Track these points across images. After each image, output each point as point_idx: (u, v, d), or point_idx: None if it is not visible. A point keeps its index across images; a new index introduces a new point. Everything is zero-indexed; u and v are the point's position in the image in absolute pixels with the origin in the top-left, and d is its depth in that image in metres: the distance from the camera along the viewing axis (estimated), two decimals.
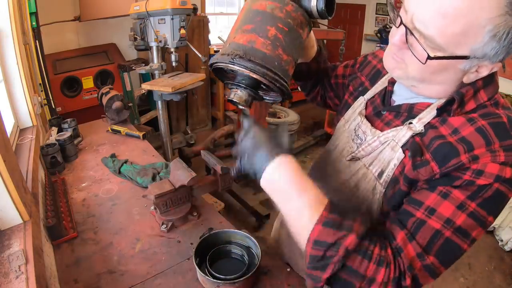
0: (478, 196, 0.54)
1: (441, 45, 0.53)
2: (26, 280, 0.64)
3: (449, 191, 0.56)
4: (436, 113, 0.62)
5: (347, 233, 0.55)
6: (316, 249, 0.55)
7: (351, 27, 5.66)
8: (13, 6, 1.41)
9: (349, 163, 0.76)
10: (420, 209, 0.58)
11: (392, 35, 0.60)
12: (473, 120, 0.58)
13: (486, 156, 0.54)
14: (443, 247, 0.56)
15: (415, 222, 0.57)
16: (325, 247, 0.54)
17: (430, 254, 0.56)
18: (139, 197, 1.25)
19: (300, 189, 0.59)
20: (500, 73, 0.69)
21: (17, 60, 1.42)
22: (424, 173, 0.60)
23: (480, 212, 0.55)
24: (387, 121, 0.72)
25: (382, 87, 0.79)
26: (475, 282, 2.22)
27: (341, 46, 3.02)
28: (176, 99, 2.01)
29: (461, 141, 0.57)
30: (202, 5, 4.39)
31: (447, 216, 0.55)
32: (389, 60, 0.64)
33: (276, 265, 0.96)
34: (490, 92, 0.61)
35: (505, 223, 2.56)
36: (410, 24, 0.55)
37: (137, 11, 2.04)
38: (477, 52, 0.53)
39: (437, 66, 0.56)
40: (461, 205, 0.55)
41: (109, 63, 3.20)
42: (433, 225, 0.56)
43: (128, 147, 1.69)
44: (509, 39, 0.50)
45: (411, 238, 0.57)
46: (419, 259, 0.56)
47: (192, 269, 0.92)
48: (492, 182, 0.54)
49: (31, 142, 1.31)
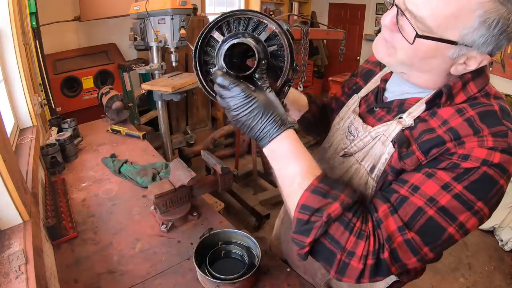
0: (464, 178, 0.54)
1: (431, 27, 0.53)
2: (26, 280, 0.64)
3: (434, 172, 0.56)
4: (425, 107, 0.63)
5: (332, 201, 0.56)
6: (302, 213, 0.57)
7: (351, 27, 5.66)
8: (13, 6, 1.41)
9: (342, 159, 0.77)
10: (404, 186, 0.58)
11: (384, 18, 0.61)
12: (462, 110, 0.58)
13: (472, 141, 0.54)
14: (425, 225, 0.55)
15: (398, 198, 0.58)
16: (310, 211, 0.56)
17: (411, 230, 0.55)
18: (139, 197, 1.25)
19: (298, 157, 0.61)
20: (500, 73, 0.69)
21: (17, 60, 1.42)
22: (410, 163, 0.60)
23: (467, 195, 0.54)
24: (379, 117, 0.73)
25: (375, 85, 0.80)
26: (475, 282, 2.22)
27: (341, 46, 3.01)
28: (176, 99, 2.01)
29: (448, 131, 0.57)
30: (202, 5, 4.40)
31: (430, 194, 0.55)
32: (378, 48, 0.65)
33: (276, 265, 0.96)
34: (479, 83, 0.61)
35: (505, 223, 2.56)
36: (402, 5, 0.56)
37: (137, 11, 2.04)
38: (466, 38, 0.53)
39: (426, 50, 0.57)
40: (445, 186, 0.55)
41: (109, 63, 3.20)
42: (415, 201, 0.56)
43: (128, 147, 1.69)
44: (498, 28, 0.51)
45: (393, 212, 0.57)
46: (399, 233, 0.55)
47: (192, 269, 0.92)
48: (479, 166, 0.53)
49: (31, 142, 1.31)
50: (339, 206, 0.56)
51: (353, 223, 0.56)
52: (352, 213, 0.57)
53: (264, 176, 3.24)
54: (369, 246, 0.55)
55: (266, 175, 3.26)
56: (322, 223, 0.55)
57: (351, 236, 0.55)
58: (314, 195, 0.57)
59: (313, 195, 0.57)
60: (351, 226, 0.56)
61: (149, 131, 2.90)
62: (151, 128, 3.09)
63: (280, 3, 5.44)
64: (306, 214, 0.57)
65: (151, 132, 3.00)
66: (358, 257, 0.55)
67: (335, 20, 5.88)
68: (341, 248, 0.56)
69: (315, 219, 0.56)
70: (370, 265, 0.55)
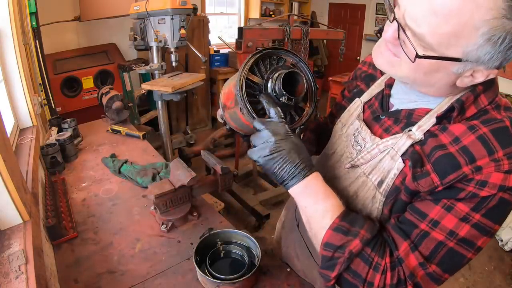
0: (482, 207, 0.54)
1: (432, 44, 0.51)
2: (26, 280, 0.64)
3: (453, 204, 0.56)
4: (436, 121, 0.61)
5: (352, 238, 0.59)
6: (326, 251, 0.60)
7: (351, 27, 5.66)
8: (13, 6, 1.41)
9: (348, 169, 0.75)
10: (424, 221, 0.58)
11: (386, 30, 0.58)
12: (474, 127, 0.56)
13: (489, 166, 0.53)
14: (446, 257, 0.56)
15: (419, 234, 0.58)
16: (333, 249, 0.60)
17: (433, 263, 0.57)
18: (139, 197, 1.25)
19: (322, 198, 0.63)
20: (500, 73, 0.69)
21: (17, 60, 1.42)
22: (424, 184, 0.58)
23: (484, 222, 0.54)
24: (386, 127, 0.70)
25: (378, 90, 0.77)
26: (475, 282, 2.22)
27: (341, 46, 3.01)
28: (176, 99, 2.01)
29: (462, 152, 0.55)
30: (202, 5, 4.40)
31: (450, 228, 0.55)
32: (378, 56, 0.63)
33: (276, 265, 0.96)
34: (490, 96, 0.59)
35: (505, 223, 2.56)
36: (402, 21, 0.53)
37: (137, 11, 2.04)
38: (470, 55, 0.50)
39: (428, 66, 0.55)
40: (464, 218, 0.55)
41: (109, 63, 3.20)
42: (436, 236, 0.56)
43: (128, 147, 1.69)
44: (505, 45, 0.48)
45: (414, 249, 0.58)
46: (421, 268, 0.57)
47: (192, 269, 0.92)
48: (496, 193, 0.53)
49: (31, 142, 1.31)
50: (359, 242, 0.59)
51: (372, 258, 0.59)
52: (371, 248, 0.59)
53: (264, 176, 3.24)
54: (385, 279, 0.58)
55: (266, 175, 3.25)
56: (345, 259, 0.59)
57: (370, 270, 0.59)
58: (336, 233, 0.60)
59: (335, 233, 0.60)
60: (370, 260, 0.59)
61: (149, 131, 2.90)
62: (151, 128, 3.09)
63: (280, 3, 5.44)
64: (330, 251, 0.60)
65: (151, 132, 3.00)
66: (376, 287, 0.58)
67: (335, 20, 5.88)
68: (362, 280, 0.59)
69: (338, 255, 0.59)
70: None
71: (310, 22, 4.87)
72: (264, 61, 0.73)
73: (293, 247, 0.95)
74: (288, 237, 1.01)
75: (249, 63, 0.69)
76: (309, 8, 5.92)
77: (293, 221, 0.98)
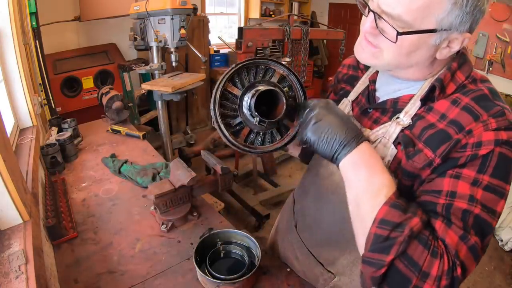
0: (486, 167, 0.55)
1: (409, 21, 0.56)
2: (26, 280, 0.64)
3: (459, 172, 0.57)
4: (421, 104, 0.64)
5: (412, 216, 0.54)
6: (381, 228, 0.54)
7: (351, 27, 5.65)
8: (13, 6, 1.41)
9: None
10: (441, 196, 0.57)
11: (363, 24, 0.63)
12: (457, 101, 0.61)
13: (478, 127, 0.56)
14: (476, 225, 0.55)
15: (443, 209, 0.56)
16: (390, 226, 0.53)
17: (470, 234, 0.54)
18: (139, 197, 1.25)
19: (381, 171, 0.58)
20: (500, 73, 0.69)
21: (17, 60, 1.42)
22: (419, 160, 0.61)
23: (495, 182, 0.55)
24: (375, 118, 0.73)
25: (363, 87, 0.80)
26: (475, 282, 2.22)
27: (341, 46, 3.01)
28: (176, 99, 2.01)
29: (451, 124, 0.59)
30: (202, 5, 4.39)
31: (468, 193, 0.55)
32: (361, 51, 0.66)
33: (276, 265, 0.96)
34: (466, 71, 0.64)
35: (505, 223, 2.56)
36: (378, 9, 0.59)
37: (137, 11, 2.04)
38: (443, 22, 0.56)
39: (409, 45, 0.59)
40: (475, 181, 0.56)
41: (109, 63, 3.19)
42: (460, 205, 0.55)
43: (128, 147, 1.69)
44: (470, 5, 0.54)
45: (449, 223, 0.55)
46: (463, 242, 0.54)
47: (192, 269, 0.92)
48: (493, 148, 0.55)
49: (31, 142, 1.31)
50: (419, 221, 0.53)
51: (430, 241, 0.53)
52: (428, 231, 0.54)
53: (264, 176, 3.24)
54: (443, 266, 0.52)
55: (266, 175, 3.26)
56: (405, 239, 0.52)
57: (428, 255, 0.52)
58: (393, 209, 0.54)
59: (393, 209, 0.54)
60: (429, 244, 0.53)
61: (149, 131, 2.90)
62: (151, 128, 3.09)
63: (280, 3, 5.44)
64: (386, 229, 0.53)
65: (151, 132, 3.00)
66: (433, 279, 0.51)
67: (335, 20, 5.88)
68: (418, 270, 0.52)
69: (395, 234, 0.52)
70: (443, 286, 0.52)
71: (310, 22, 4.87)
72: (249, 71, 0.68)
73: (292, 248, 0.95)
74: (284, 240, 1.01)
75: (227, 75, 0.66)
76: (309, 8, 5.92)
77: (290, 222, 0.98)
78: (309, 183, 0.91)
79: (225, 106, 0.68)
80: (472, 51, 3.57)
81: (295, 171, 3.51)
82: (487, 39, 3.36)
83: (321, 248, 0.85)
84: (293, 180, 3.34)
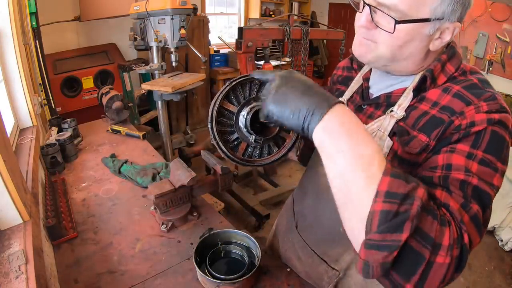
0: (479, 142, 0.57)
1: (405, 11, 0.57)
2: (26, 280, 0.64)
3: (453, 148, 0.58)
4: (413, 95, 0.66)
5: (416, 185, 0.47)
6: (388, 203, 0.45)
7: (351, 27, 5.64)
8: (13, 6, 1.41)
9: None
10: (437, 170, 0.57)
11: (358, 19, 0.65)
12: (448, 88, 0.63)
13: (470, 110, 0.59)
14: (475, 195, 0.53)
15: (440, 179, 0.55)
16: (399, 199, 0.45)
17: (470, 202, 0.52)
18: (139, 197, 1.25)
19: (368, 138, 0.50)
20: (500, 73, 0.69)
21: (17, 60, 1.42)
22: (414, 145, 0.63)
23: (489, 157, 0.56)
24: (369, 114, 0.74)
25: (357, 86, 0.82)
26: (475, 282, 2.22)
27: (341, 46, 3.01)
28: (176, 99, 2.02)
29: (443, 110, 0.61)
30: (202, 5, 4.39)
31: (463, 165, 0.55)
32: (358, 47, 0.68)
33: (276, 265, 0.96)
34: (455, 63, 0.66)
35: (505, 223, 2.56)
36: (373, 2, 0.60)
37: (137, 11, 2.04)
38: (437, 11, 0.58)
39: (404, 36, 0.60)
40: (469, 155, 0.56)
41: (109, 63, 3.20)
42: (456, 176, 0.54)
43: (128, 147, 1.69)
44: None
45: (449, 191, 0.53)
46: (465, 210, 0.51)
47: (192, 269, 0.92)
48: (486, 126, 0.57)
49: (31, 142, 1.31)
50: (424, 190, 0.47)
51: (436, 210, 0.48)
52: (431, 200, 0.50)
53: (264, 176, 3.24)
54: (453, 233, 0.47)
55: (266, 175, 3.26)
56: (418, 211, 0.44)
57: (438, 225, 0.46)
58: (396, 179, 0.46)
59: (396, 180, 0.46)
60: (436, 212, 0.47)
61: (149, 131, 2.90)
62: (151, 128, 3.09)
63: (280, 3, 5.44)
64: (394, 203, 0.45)
65: (151, 132, 3.00)
66: (445, 249, 0.46)
67: (335, 20, 5.87)
68: (430, 243, 0.45)
69: (405, 207, 0.45)
70: (455, 257, 0.47)
71: (310, 22, 4.87)
72: (243, 87, 0.68)
73: (293, 249, 0.95)
74: (285, 241, 1.00)
75: (223, 92, 0.65)
76: (309, 8, 5.92)
77: (290, 223, 0.98)
78: (308, 182, 0.91)
79: (222, 123, 0.70)
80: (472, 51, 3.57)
81: (295, 171, 3.51)
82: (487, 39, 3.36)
83: (324, 246, 0.85)
84: (293, 180, 3.34)
